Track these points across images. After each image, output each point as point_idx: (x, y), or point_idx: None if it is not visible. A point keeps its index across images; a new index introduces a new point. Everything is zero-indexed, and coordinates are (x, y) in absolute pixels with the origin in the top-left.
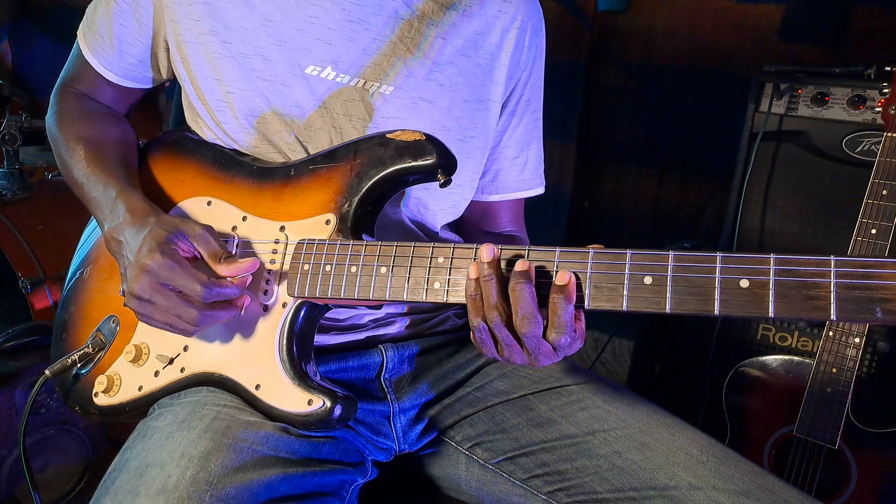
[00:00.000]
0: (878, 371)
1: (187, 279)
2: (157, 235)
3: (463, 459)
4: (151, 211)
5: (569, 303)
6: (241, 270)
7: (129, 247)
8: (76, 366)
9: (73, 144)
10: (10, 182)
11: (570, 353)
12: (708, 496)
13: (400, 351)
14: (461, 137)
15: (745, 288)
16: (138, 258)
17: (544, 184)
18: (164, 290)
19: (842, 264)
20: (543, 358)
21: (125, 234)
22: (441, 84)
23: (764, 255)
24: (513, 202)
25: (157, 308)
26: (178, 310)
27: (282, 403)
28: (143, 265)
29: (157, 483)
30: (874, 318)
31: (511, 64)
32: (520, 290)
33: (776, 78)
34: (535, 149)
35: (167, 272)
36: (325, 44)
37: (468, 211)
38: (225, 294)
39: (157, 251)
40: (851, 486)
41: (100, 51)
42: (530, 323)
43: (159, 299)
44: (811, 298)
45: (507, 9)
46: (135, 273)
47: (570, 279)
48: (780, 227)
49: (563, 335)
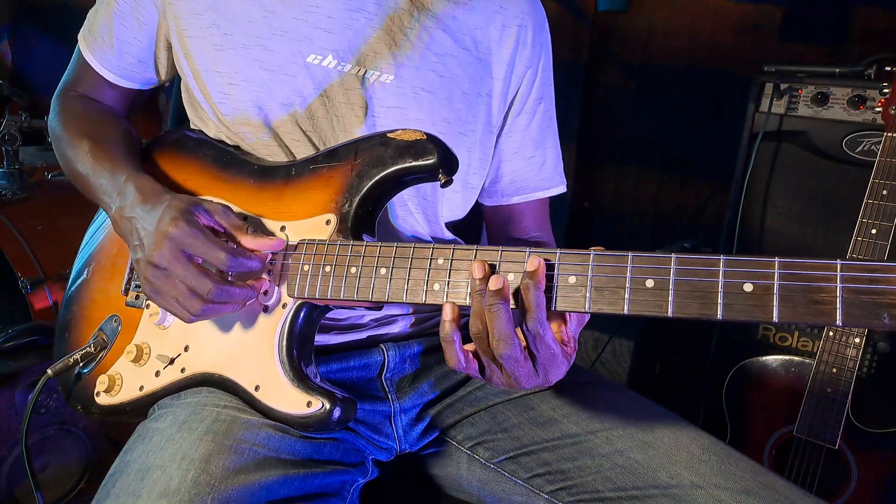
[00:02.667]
0: (878, 371)
1: (211, 246)
2: (177, 206)
3: (464, 459)
4: (164, 190)
5: (538, 288)
6: (267, 245)
7: (145, 221)
8: (78, 365)
9: (77, 140)
10: (10, 182)
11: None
12: (710, 494)
13: (401, 350)
14: (461, 130)
15: (748, 292)
16: (160, 227)
17: (565, 182)
18: (183, 258)
19: (848, 268)
20: (523, 379)
21: (136, 211)
22: (441, 75)
23: (768, 259)
24: (536, 204)
25: (171, 279)
26: (194, 280)
27: (281, 405)
28: (166, 232)
29: (159, 486)
30: (881, 323)
31: (511, 60)
32: (496, 311)
33: (776, 78)
34: (552, 146)
35: (191, 239)
36: (325, 33)
37: (492, 216)
38: (248, 266)
39: (181, 219)
40: (851, 487)
41: (100, 52)
42: (506, 344)
43: (176, 268)
44: (816, 303)
45: (507, 5)
46: (156, 240)
47: (539, 264)
48: (781, 227)
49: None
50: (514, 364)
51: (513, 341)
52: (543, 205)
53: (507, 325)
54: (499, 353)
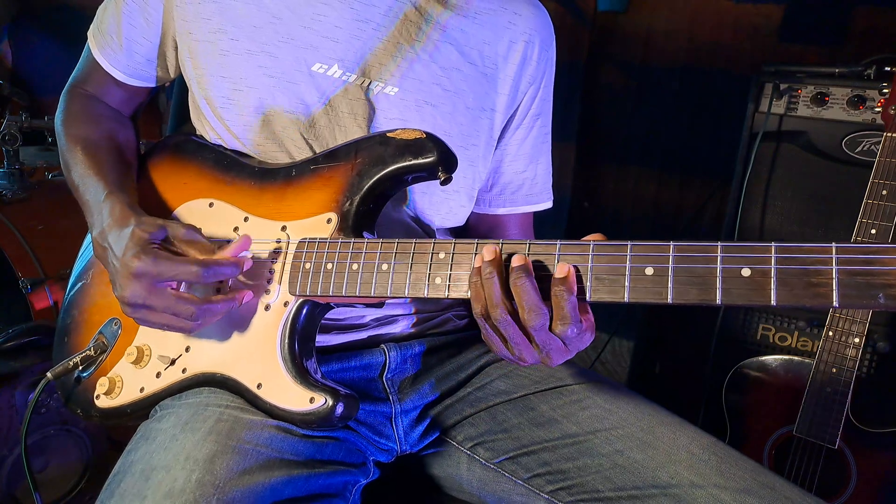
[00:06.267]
0: (878, 371)
1: (179, 266)
2: (138, 238)
3: (465, 459)
4: (132, 214)
5: (570, 294)
6: (234, 249)
7: (114, 252)
8: (78, 368)
9: (73, 145)
10: (10, 182)
11: (581, 346)
12: (710, 494)
13: (403, 351)
14: (463, 144)
15: (746, 276)
16: (124, 263)
17: (552, 197)
18: (157, 289)
19: (843, 251)
20: (555, 354)
21: (108, 240)
22: (446, 89)
23: (765, 244)
24: (521, 216)
25: (154, 310)
26: (175, 307)
27: (283, 402)
28: (131, 270)
29: (164, 487)
30: (876, 303)
31: (516, 76)
32: (521, 284)
33: (776, 78)
34: (544, 163)
35: (157, 269)
36: (332, 42)
37: (477, 224)
38: (224, 273)
39: (142, 252)
40: (851, 487)
41: (109, 51)
42: (537, 315)
43: (154, 300)
44: (813, 285)
45: (518, 21)
46: (124, 280)
47: (569, 271)
48: (780, 227)
49: (570, 326)
50: (547, 337)
51: (542, 311)
52: (528, 217)
53: (535, 296)
54: (531, 325)
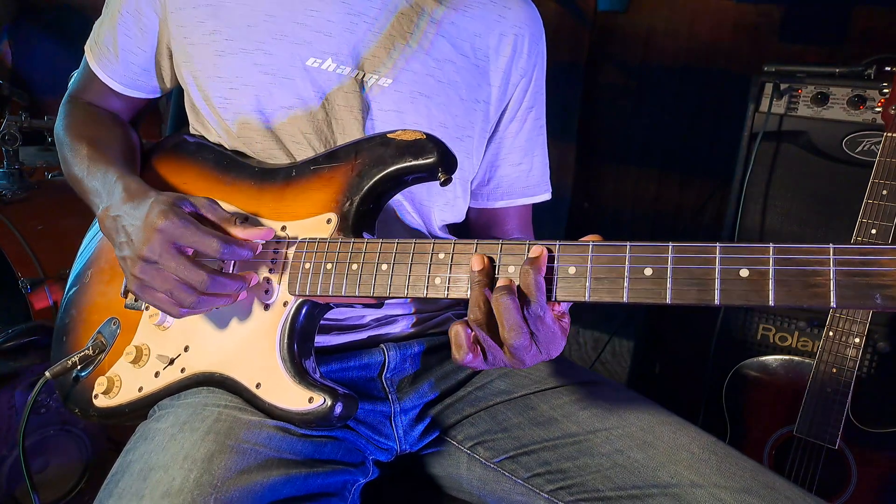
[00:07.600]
0: (878, 371)
1: (203, 235)
2: (165, 200)
3: (464, 459)
4: (150, 189)
5: (538, 274)
6: (256, 234)
7: (132, 217)
8: (76, 368)
9: (77, 143)
10: (10, 182)
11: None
12: (710, 493)
13: (402, 350)
14: (458, 135)
15: (744, 277)
16: (149, 220)
17: (550, 189)
18: (174, 250)
19: (841, 252)
20: (528, 360)
21: (123, 209)
22: (439, 81)
23: (763, 245)
24: (520, 208)
25: (162, 273)
26: (187, 271)
27: (282, 402)
28: (155, 225)
29: (162, 486)
30: (874, 304)
31: (507, 69)
32: (504, 303)
33: (776, 78)
34: (540, 155)
35: (181, 230)
36: (325, 36)
37: (476, 218)
38: (241, 254)
39: (170, 211)
40: (851, 487)
41: (105, 62)
42: (517, 334)
43: (168, 260)
44: (811, 286)
45: (507, 14)
46: (145, 234)
47: (542, 251)
48: (780, 227)
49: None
50: (524, 351)
51: (523, 330)
52: (527, 210)
53: (516, 316)
54: (510, 343)
